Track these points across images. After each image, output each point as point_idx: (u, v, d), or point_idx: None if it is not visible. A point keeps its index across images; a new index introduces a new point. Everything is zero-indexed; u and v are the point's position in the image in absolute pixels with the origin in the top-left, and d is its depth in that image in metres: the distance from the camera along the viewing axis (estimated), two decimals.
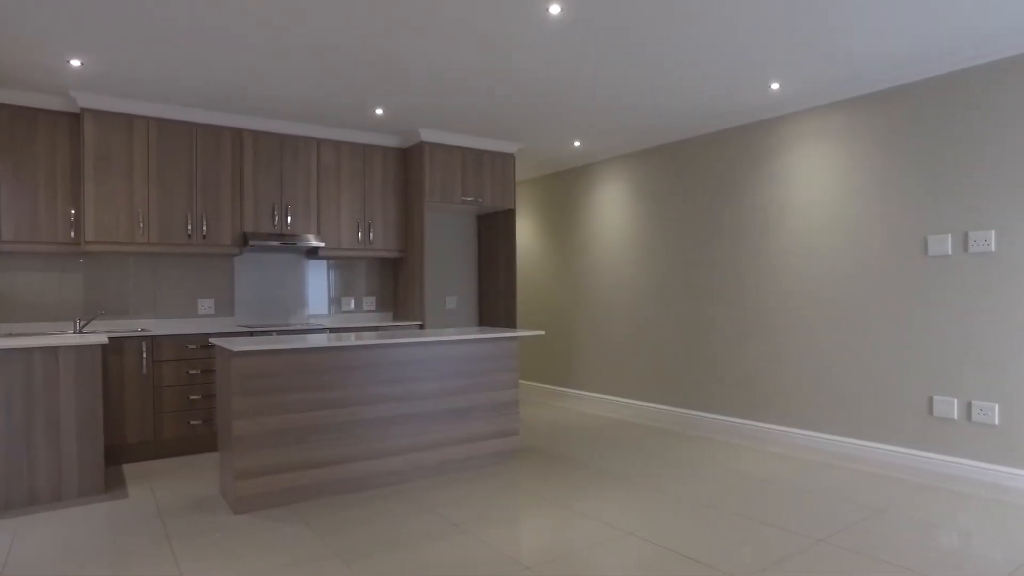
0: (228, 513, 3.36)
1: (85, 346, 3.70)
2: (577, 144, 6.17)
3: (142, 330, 4.76)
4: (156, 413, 4.48)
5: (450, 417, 4.11)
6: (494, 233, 6.42)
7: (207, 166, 4.89)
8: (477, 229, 6.65)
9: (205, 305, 5.16)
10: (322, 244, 5.21)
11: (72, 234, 4.51)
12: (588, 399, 6.63)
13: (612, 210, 6.39)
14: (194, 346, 4.60)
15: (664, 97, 4.71)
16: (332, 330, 5.18)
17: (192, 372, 4.59)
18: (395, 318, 6.06)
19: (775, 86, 4.45)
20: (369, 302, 5.99)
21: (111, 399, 4.33)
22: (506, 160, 6.10)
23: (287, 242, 5.04)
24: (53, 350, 3.61)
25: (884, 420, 4.27)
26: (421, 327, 5.65)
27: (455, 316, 6.47)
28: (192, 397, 4.59)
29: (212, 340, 3.71)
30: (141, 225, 4.62)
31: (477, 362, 4.25)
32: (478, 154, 5.92)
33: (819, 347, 4.64)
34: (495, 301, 6.41)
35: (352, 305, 5.89)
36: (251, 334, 4.83)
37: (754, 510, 3.34)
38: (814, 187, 4.68)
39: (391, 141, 5.77)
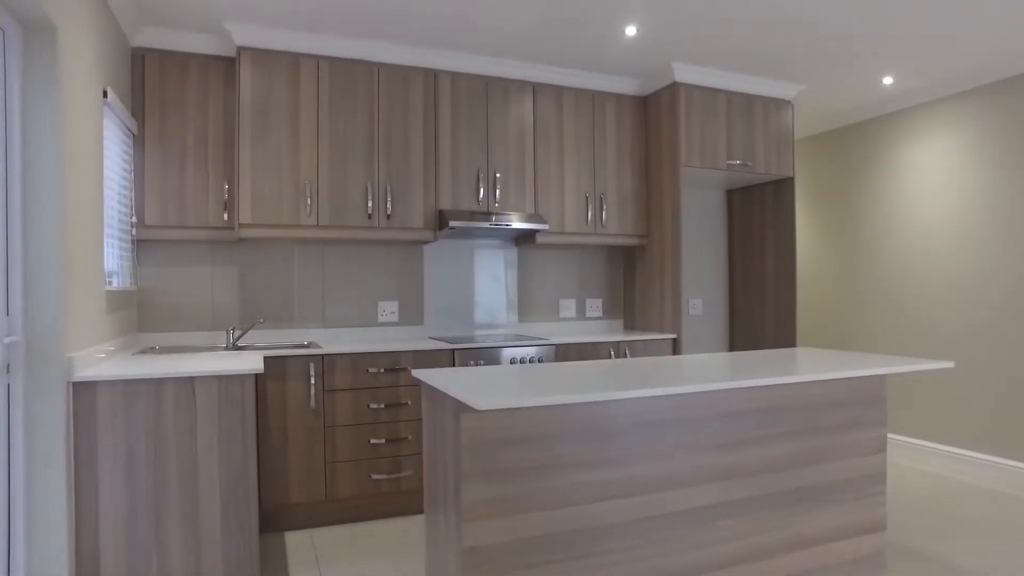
0: None
1: (233, 376, 2.41)
2: (888, 81, 4.20)
3: (308, 344, 3.50)
4: (328, 463, 3.17)
5: (794, 502, 2.39)
6: (755, 213, 4.59)
7: (392, 121, 3.55)
8: (728, 208, 4.86)
9: (387, 310, 3.84)
10: (545, 226, 3.69)
11: (225, 216, 3.32)
12: (911, 449, 4.61)
13: (939, 175, 4.33)
14: (377, 369, 3.24)
15: None
16: (560, 347, 3.65)
17: (374, 406, 3.24)
18: (629, 327, 4.43)
19: None
20: (594, 306, 4.41)
21: (269, 444, 3.07)
22: (781, 110, 4.27)
23: (499, 223, 3.58)
24: (188, 382, 2.35)
25: None
26: (675, 343, 3.97)
27: (701, 325, 4.72)
28: (374, 442, 3.24)
29: (419, 375, 2.27)
30: (308, 201, 3.35)
31: (830, 410, 2.49)
32: (747, 101, 4.15)
33: None
34: (755, 305, 4.58)
35: (572, 310, 4.34)
36: (453, 353, 3.40)
37: None
38: None
39: (626, 86, 4.15)
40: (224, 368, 2.39)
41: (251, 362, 2.57)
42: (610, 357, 3.80)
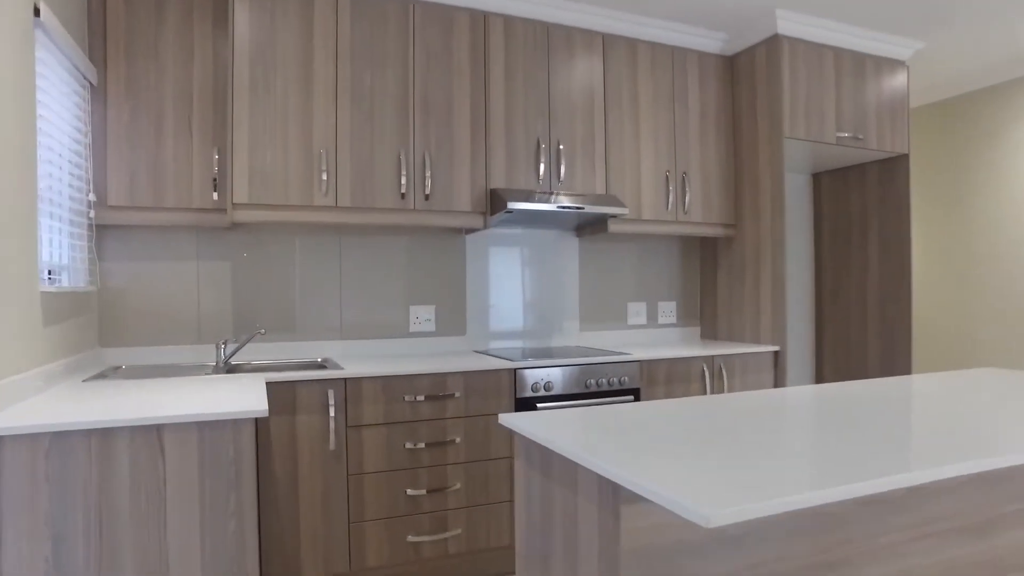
0: None
1: (222, 421, 1.60)
2: None
3: (323, 362, 2.70)
4: (353, 523, 2.36)
5: None
6: (852, 200, 3.80)
7: (432, 74, 2.75)
8: (812, 194, 4.08)
9: (420, 316, 3.04)
10: (625, 210, 2.90)
11: (215, 194, 2.52)
12: None
13: None
14: (414, 397, 2.44)
15: None
16: (645, 365, 2.86)
17: (411, 446, 2.44)
18: (708, 336, 3.64)
19: None
20: (667, 311, 3.62)
21: (273, 501, 2.26)
22: (896, 72, 3.49)
23: (570, 206, 2.78)
24: (153, 432, 1.55)
25: None
26: (777, 356, 3.19)
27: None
28: (412, 493, 2.44)
29: (514, 423, 1.47)
30: (324, 176, 2.55)
31: None
32: (858, 61, 3.38)
33: None
34: (852, 313, 3.79)
35: (642, 316, 3.55)
36: (514, 374, 2.61)
37: None
38: None
39: (710, 43, 3.37)
40: (207, 410, 1.59)
41: (248, 395, 1.77)
42: (703, 376, 3.00)
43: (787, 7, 3.10)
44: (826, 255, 3.99)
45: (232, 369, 2.60)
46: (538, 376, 2.64)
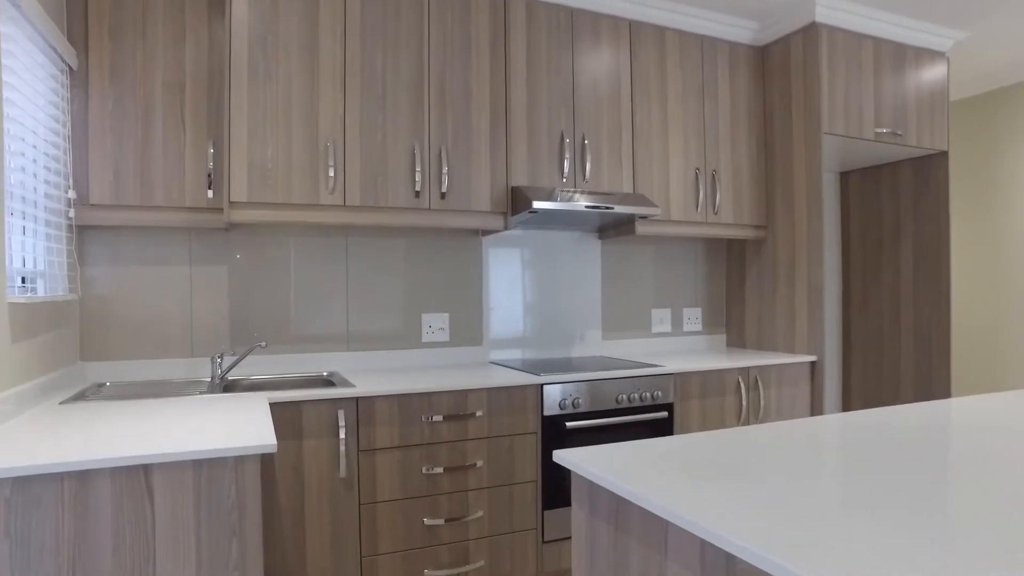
0: None
1: (222, 459, 1.36)
2: None
3: (329, 375, 2.46)
4: (365, 558, 2.12)
5: None
6: (884, 201, 3.59)
7: (449, 60, 2.51)
8: (840, 193, 3.87)
9: (434, 325, 2.80)
10: (657, 210, 2.67)
11: (210, 192, 2.27)
12: None
13: None
14: (431, 417, 2.20)
15: None
16: (679, 378, 2.64)
17: (429, 471, 2.20)
18: (735, 344, 3.42)
19: None
20: (692, 317, 3.40)
21: (276, 534, 2.02)
22: (935, 64, 3.28)
23: (600, 205, 2.55)
24: (137, 474, 1.30)
25: None
26: (814, 367, 2.97)
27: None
28: (430, 523, 2.20)
29: (571, 461, 1.24)
30: (331, 172, 2.31)
31: None
32: (898, 51, 3.17)
33: None
34: (884, 322, 3.58)
35: (667, 323, 3.32)
36: (541, 390, 2.37)
37: None
38: None
39: (741, 32, 3.15)
40: (205, 445, 1.35)
41: (252, 422, 1.53)
42: (739, 389, 2.78)
43: None
44: (855, 259, 3.78)
45: (229, 386, 2.36)
46: (566, 392, 2.41)
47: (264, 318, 2.54)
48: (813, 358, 2.95)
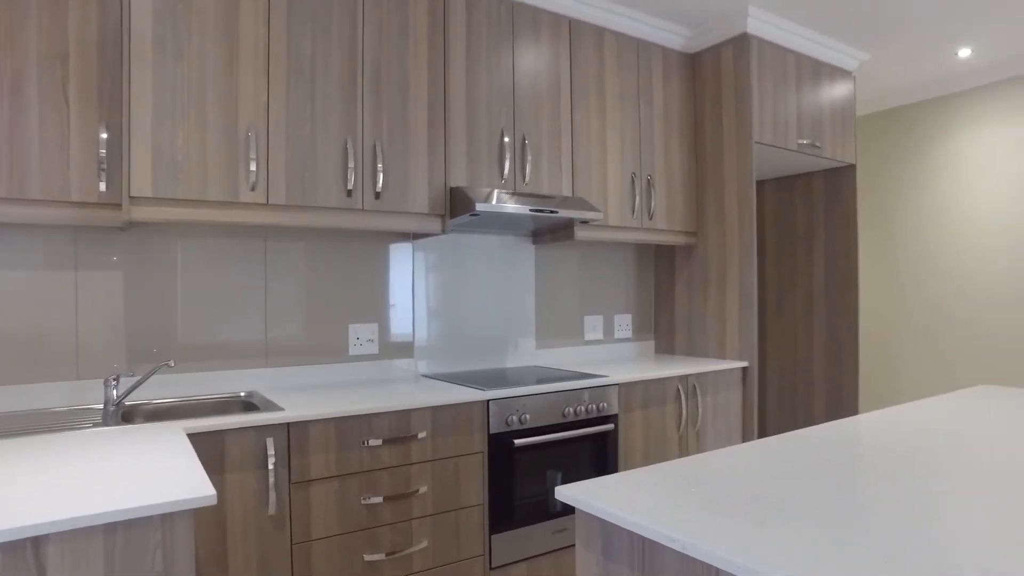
0: None
1: (147, 519, 1.09)
2: (963, 53, 3.50)
3: (247, 395, 2.17)
4: None
5: None
6: (798, 210, 3.74)
7: (384, 48, 2.29)
8: (758, 203, 3.98)
9: (362, 336, 2.56)
10: (599, 215, 2.58)
11: (102, 185, 1.93)
12: None
13: (1018, 165, 3.70)
14: (368, 441, 1.99)
15: None
16: (623, 388, 2.56)
17: (368, 501, 1.98)
18: (664, 350, 3.42)
19: None
20: (623, 324, 3.35)
21: None
22: (844, 81, 3.45)
23: (544, 209, 2.42)
24: (26, 548, 1.01)
25: None
26: (746, 372, 3.01)
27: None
28: (370, 559, 1.98)
29: (582, 501, 1.09)
30: (253, 165, 2.03)
31: None
32: (815, 68, 3.29)
33: None
34: (798, 327, 3.73)
35: (599, 330, 3.26)
36: (487, 406, 2.21)
37: None
38: None
39: (673, 38, 3.14)
40: (118, 505, 1.09)
41: (175, 465, 1.26)
42: (679, 397, 2.76)
43: (759, 5, 2.93)
44: (770, 266, 3.91)
45: (127, 413, 2.01)
46: (511, 408, 2.26)
47: (167, 332, 2.21)
48: (745, 364, 2.99)
